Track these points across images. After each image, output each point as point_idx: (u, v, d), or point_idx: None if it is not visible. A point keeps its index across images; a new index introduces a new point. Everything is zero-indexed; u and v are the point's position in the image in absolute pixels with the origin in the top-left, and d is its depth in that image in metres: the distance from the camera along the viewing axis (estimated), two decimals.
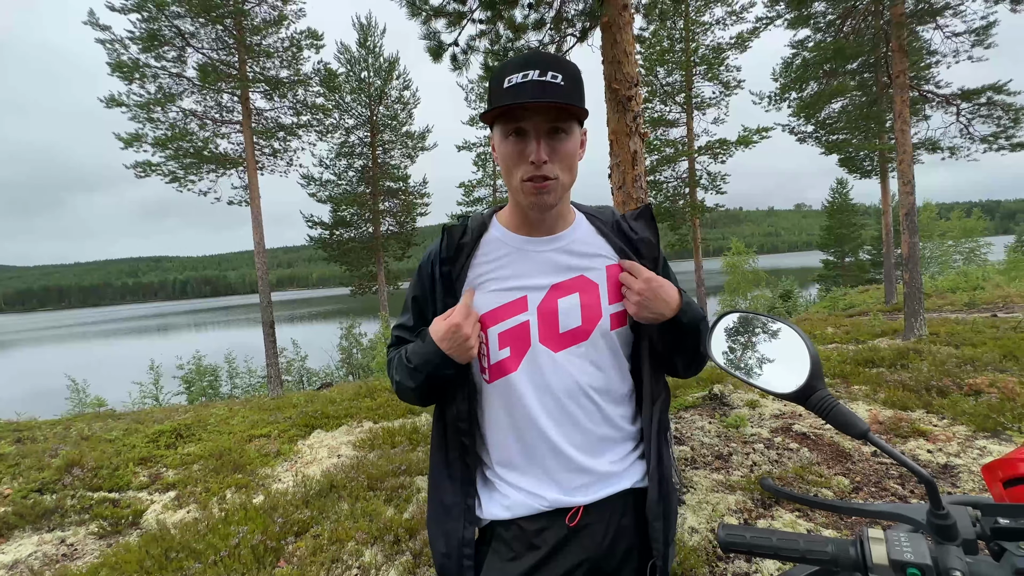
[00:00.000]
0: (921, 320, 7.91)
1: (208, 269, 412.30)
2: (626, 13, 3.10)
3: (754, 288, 25.75)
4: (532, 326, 0.94)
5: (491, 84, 0.90)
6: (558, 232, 0.99)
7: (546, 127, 0.86)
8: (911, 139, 8.29)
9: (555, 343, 0.94)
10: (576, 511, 0.93)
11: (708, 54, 15.44)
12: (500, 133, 0.89)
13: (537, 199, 0.89)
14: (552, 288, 0.96)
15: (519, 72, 0.84)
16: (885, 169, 15.17)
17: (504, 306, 0.95)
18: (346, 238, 19.16)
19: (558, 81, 0.84)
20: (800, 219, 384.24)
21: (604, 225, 1.03)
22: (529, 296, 0.95)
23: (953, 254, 27.96)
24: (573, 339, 0.95)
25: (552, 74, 0.83)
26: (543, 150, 0.85)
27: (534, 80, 0.83)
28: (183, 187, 13.64)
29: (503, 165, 0.92)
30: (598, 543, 0.93)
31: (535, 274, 0.97)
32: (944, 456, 3.51)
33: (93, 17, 11.52)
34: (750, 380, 0.73)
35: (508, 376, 0.94)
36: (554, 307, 0.95)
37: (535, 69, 0.83)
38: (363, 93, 18.79)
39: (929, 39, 10.22)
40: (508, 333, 0.94)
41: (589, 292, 0.96)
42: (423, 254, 1.06)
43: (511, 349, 0.94)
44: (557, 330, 0.94)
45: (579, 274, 0.97)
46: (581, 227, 1.02)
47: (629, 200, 3.16)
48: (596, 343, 0.96)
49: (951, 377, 5.12)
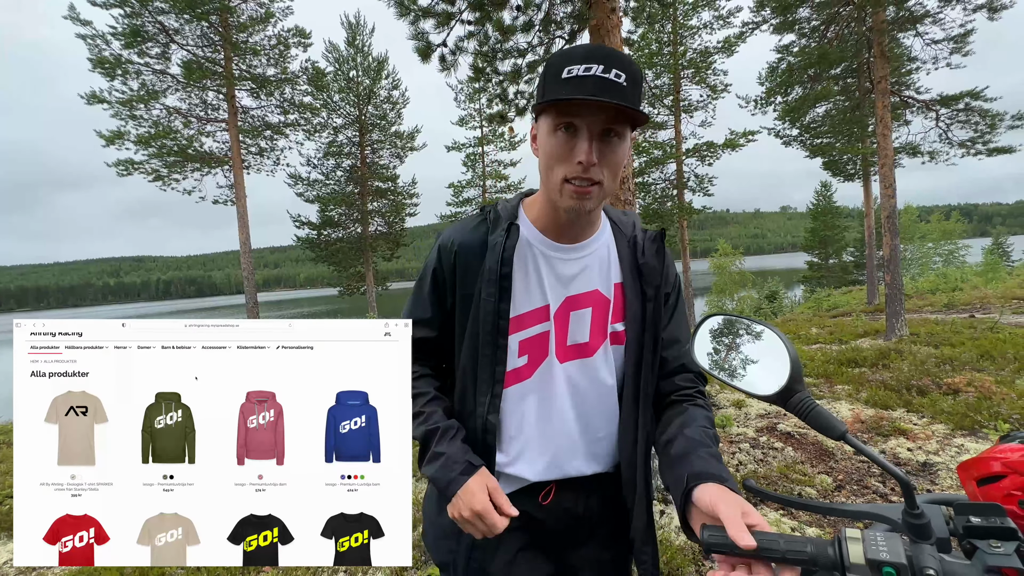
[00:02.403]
0: (902, 320, 8.08)
1: (193, 269, 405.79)
2: (614, 16, 3.12)
3: (741, 289, 26.08)
4: (551, 336, 0.94)
5: (546, 71, 0.83)
6: (584, 239, 0.96)
7: (600, 128, 0.80)
8: (892, 143, 8.47)
9: (562, 354, 0.94)
10: (549, 490, 0.96)
11: (696, 58, 15.64)
12: (548, 125, 0.83)
13: (577, 203, 0.84)
14: (568, 299, 0.94)
15: (581, 64, 0.78)
16: (867, 172, 15.48)
17: (528, 313, 0.93)
18: (334, 238, 19.02)
19: (621, 81, 0.78)
20: (785, 221, 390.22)
21: (622, 237, 1.01)
22: (551, 305, 0.94)
23: (933, 256, 28.61)
24: (578, 353, 0.95)
25: (616, 72, 0.78)
26: (594, 151, 0.80)
27: (597, 76, 0.77)
28: (167, 186, 13.42)
29: (545, 160, 0.86)
30: (570, 522, 0.98)
31: (557, 283, 0.95)
32: (923, 454, 3.59)
33: (74, 12, 11.28)
34: (732, 382, 0.74)
35: (522, 383, 0.94)
36: (567, 319, 0.94)
37: (599, 64, 0.78)
38: (351, 92, 18.67)
39: (910, 46, 10.46)
40: (529, 341, 0.93)
41: (600, 308, 0.96)
42: (444, 236, 0.99)
43: (529, 357, 0.93)
44: (566, 342, 0.94)
45: (595, 288, 0.96)
46: (603, 237, 1.00)
47: (616, 202, 3.18)
48: (597, 360, 0.96)
49: (930, 376, 5.23)
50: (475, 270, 0.93)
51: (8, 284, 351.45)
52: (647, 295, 0.96)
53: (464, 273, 0.94)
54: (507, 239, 0.91)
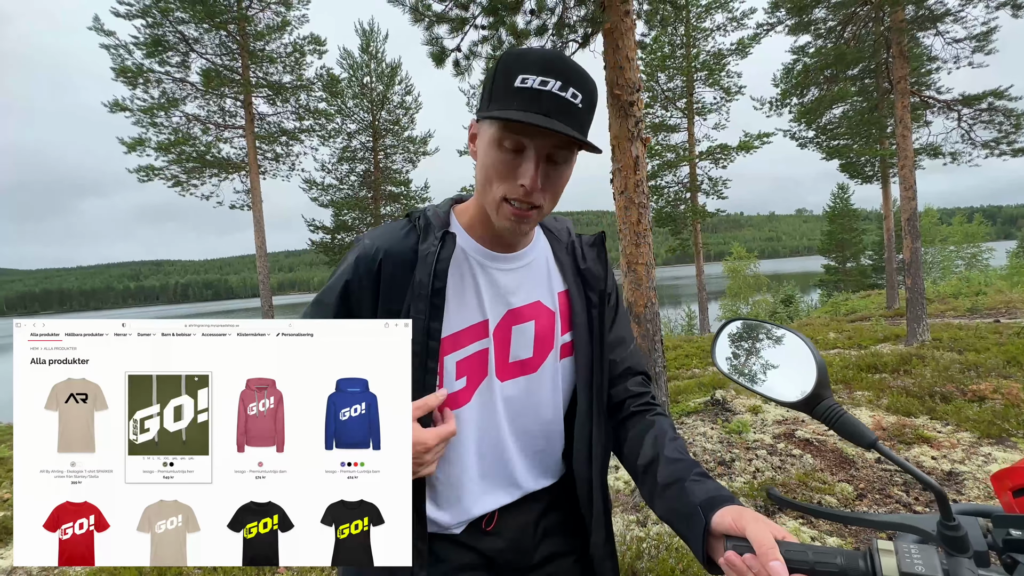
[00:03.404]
0: (924, 325, 7.88)
1: (209, 273, 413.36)
2: (628, 19, 3.11)
3: (755, 293, 25.72)
4: (490, 353, 0.87)
5: (498, 72, 0.75)
6: (519, 250, 0.90)
7: (545, 151, 0.74)
8: (912, 144, 8.30)
9: (503, 372, 0.88)
10: (492, 516, 0.91)
11: (709, 60, 15.52)
12: (492, 136, 0.76)
13: (515, 226, 0.79)
14: (509, 313, 0.88)
15: (537, 76, 0.71)
16: (886, 174, 15.18)
17: (466, 330, 0.85)
18: (348, 242, 19.19)
19: (577, 102, 0.72)
20: (801, 224, 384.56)
21: (559, 245, 0.96)
22: (490, 320, 0.87)
23: (955, 259, 27.92)
24: (521, 370, 0.89)
25: (574, 92, 0.72)
26: (540, 175, 0.74)
27: (553, 93, 0.71)
28: (185, 191, 13.70)
29: (484, 172, 0.79)
30: (523, 540, 0.92)
31: (496, 296, 0.87)
32: (948, 463, 3.49)
33: (98, 23, 11.61)
34: (755, 388, 0.72)
35: (460, 409, 0.86)
36: (508, 334, 0.87)
37: (557, 80, 0.71)
38: (365, 98, 18.89)
39: (930, 45, 10.25)
40: (467, 361, 0.85)
41: (544, 321, 0.90)
42: (365, 243, 0.88)
43: (467, 379, 0.86)
44: (507, 359, 0.88)
45: (536, 300, 0.90)
46: (539, 246, 0.94)
47: (631, 205, 3.16)
48: (542, 375, 0.90)
49: (955, 383, 5.09)
50: (402, 283, 0.84)
51: (33, 287, 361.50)
52: (592, 301, 0.92)
53: (390, 286, 0.84)
54: (441, 249, 0.82)
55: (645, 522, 3.04)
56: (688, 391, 6.33)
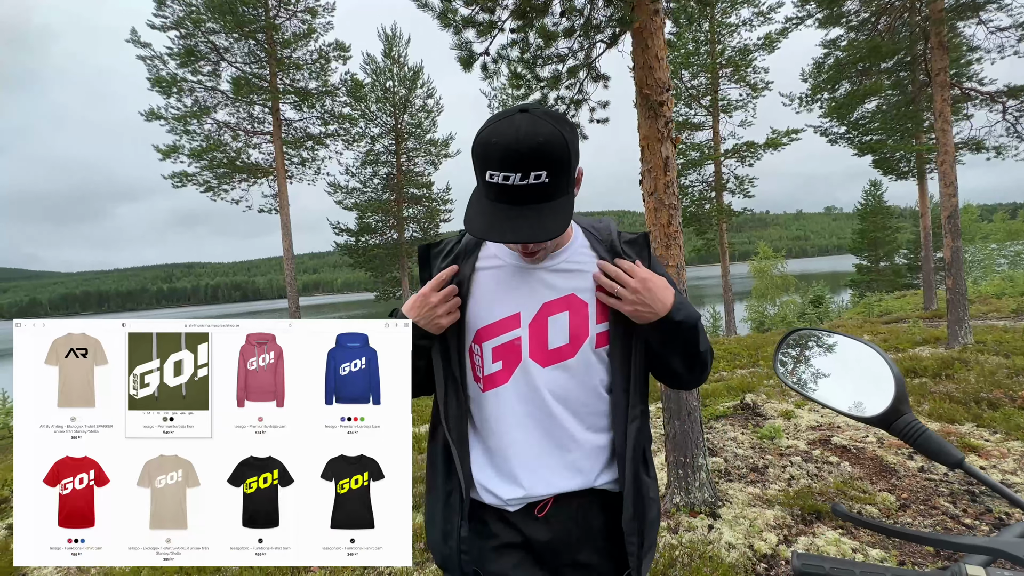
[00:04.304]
0: (966, 328, 7.54)
1: (238, 275, 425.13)
2: (657, 18, 3.06)
3: (783, 293, 25.05)
4: (523, 342, 0.97)
5: (474, 157, 0.85)
6: (553, 250, 1.00)
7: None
8: (953, 139, 7.95)
9: (543, 359, 0.97)
10: (545, 503, 0.98)
11: (735, 56, 15.20)
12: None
13: (527, 259, 0.96)
14: (544, 306, 0.98)
15: (499, 172, 0.80)
16: (923, 170, 14.59)
17: (498, 322, 0.98)
18: (371, 244, 19.48)
19: (540, 181, 0.80)
20: (830, 222, 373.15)
21: (599, 243, 1.04)
22: (522, 313, 0.98)
23: (997, 258, 26.66)
24: (560, 356, 0.97)
25: (536, 174, 0.79)
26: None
27: (516, 185, 0.80)
28: (216, 196, 14.11)
29: None
30: (566, 537, 0.98)
31: (528, 292, 0.99)
32: (999, 474, 3.33)
33: (135, 35, 12.07)
34: (824, 401, 0.69)
35: (499, 388, 0.98)
36: (545, 324, 0.97)
37: (517, 172, 0.79)
38: (388, 102, 19.15)
39: (971, 35, 9.81)
40: (501, 348, 0.97)
41: (578, 311, 0.98)
42: (428, 248, 1.08)
43: (503, 363, 0.98)
44: (546, 347, 0.97)
45: (570, 293, 0.99)
46: (576, 243, 1.03)
47: (661, 207, 3.11)
48: (580, 361, 0.98)
49: (1002, 388, 4.85)
50: None
51: (74, 289, 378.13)
52: None
53: None
54: (458, 244, 1.04)
55: (677, 529, 2.99)
56: (716, 394, 6.19)
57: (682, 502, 3.12)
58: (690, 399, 3.14)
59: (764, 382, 6.67)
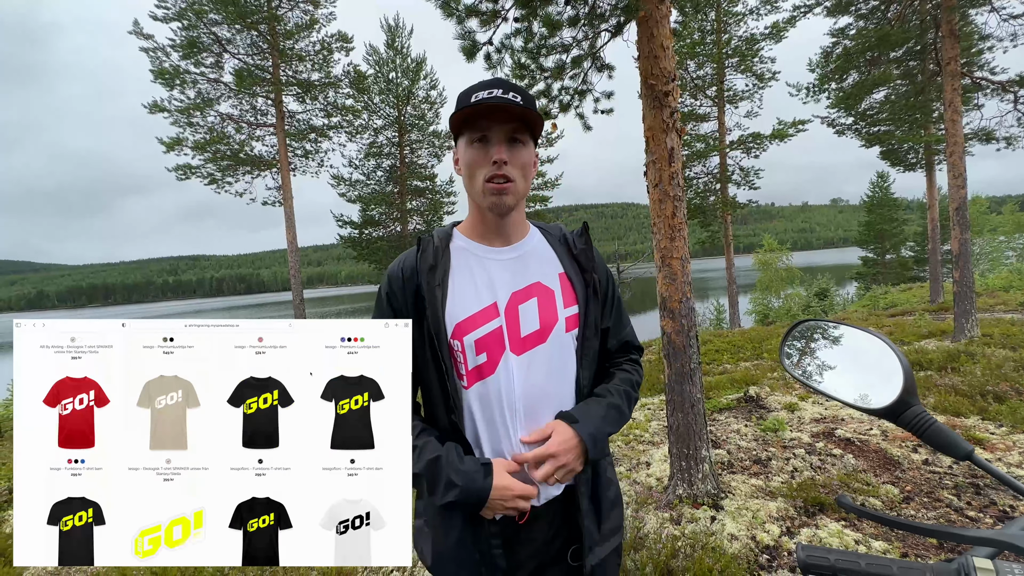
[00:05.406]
0: (973, 320, 7.49)
1: (243, 267, 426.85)
2: (663, 6, 3.02)
3: (787, 286, 24.91)
4: (504, 331, 1.01)
5: (458, 102, 1.00)
6: (515, 242, 1.09)
7: (507, 136, 0.98)
8: (963, 129, 7.84)
9: (518, 346, 1.01)
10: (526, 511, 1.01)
11: (741, 46, 14.99)
12: (465, 142, 1.01)
13: (498, 199, 0.99)
14: (514, 294, 1.03)
15: (484, 91, 0.97)
16: (931, 161, 14.41)
17: (478, 313, 1.01)
18: (375, 237, 19.46)
19: (518, 100, 0.97)
20: (836, 214, 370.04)
21: (553, 238, 1.14)
22: (499, 302, 1.02)
23: (1005, 250, 26.39)
24: (534, 341, 1.01)
25: (513, 94, 0.97)
26: (504, 152, 0.97)
27: (498, 96, 0.96)
28: (220, 188, 14.12)
29: (467, 170, 1.01)
30: (543, 539, 1.03)
31: (500, 281, 1.04)
32: (1004, 467, 3.31)
33: (137, 27, 12.02)
34: (830, 393, 0.68)
35: (485, 380, 1.00)
36: (516, 312, 1.02)
37: (499, 89, 0.97)
38: (391, 94, 19.03)
39: (983, 23, 9.63)
40: (484, 339, 1.00)
41: (546, 297, 1.04)
42: (392, 265, 1.11)
43: (487, 354, 1.00)
44: (520, 334, 1.01)
45: (536, 280, 1.05)
46: (535, 238, 1.13)
47: (665, 198, 3.09)
48: (553, 345, 1.02)
49: (1008, 382, 4.83)
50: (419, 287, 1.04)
51: (80, 282, 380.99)
52: (587, 280, 1.08)
53: (414, 292, 1.05)
54: (431, 245, 1.06)
55: (679, 520, 3.00)
56: (719, 387, 6.19)
57: (685, 493, 3.13)
58: (694, 391, 3.14)
59: (768, 375, 6.65)
